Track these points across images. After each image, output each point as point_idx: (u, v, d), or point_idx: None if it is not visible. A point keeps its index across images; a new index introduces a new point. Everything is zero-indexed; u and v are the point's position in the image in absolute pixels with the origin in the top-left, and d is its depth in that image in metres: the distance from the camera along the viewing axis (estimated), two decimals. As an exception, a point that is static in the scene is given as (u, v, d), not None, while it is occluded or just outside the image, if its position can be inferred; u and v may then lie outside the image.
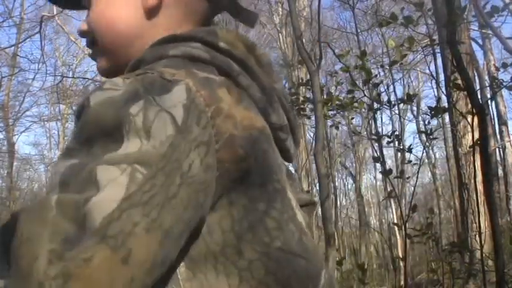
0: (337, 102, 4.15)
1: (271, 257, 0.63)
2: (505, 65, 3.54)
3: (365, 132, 9.78)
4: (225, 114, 0.62)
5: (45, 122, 20.59)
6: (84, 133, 0.57)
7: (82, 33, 0.78)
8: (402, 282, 6.39)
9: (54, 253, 0.46)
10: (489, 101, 9.03)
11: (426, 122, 4.31)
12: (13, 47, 15.25)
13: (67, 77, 17.14)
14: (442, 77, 8.00)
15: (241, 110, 0.65)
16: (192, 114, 0.58)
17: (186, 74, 0.62)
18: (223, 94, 0.64)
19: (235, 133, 0.62)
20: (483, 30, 9.81)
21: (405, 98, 4.28)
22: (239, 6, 0.81)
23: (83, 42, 16.22)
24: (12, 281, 0.46)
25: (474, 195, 5.38)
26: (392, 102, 4.32)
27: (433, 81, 11.59)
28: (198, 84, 0.61)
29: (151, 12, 0.74)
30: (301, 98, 4.68)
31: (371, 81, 4.04)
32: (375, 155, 4.30)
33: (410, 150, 4.28)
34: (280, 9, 12.99)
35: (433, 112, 3.92)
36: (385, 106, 4.23)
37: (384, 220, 16.08)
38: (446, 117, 7.86)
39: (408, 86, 16.62)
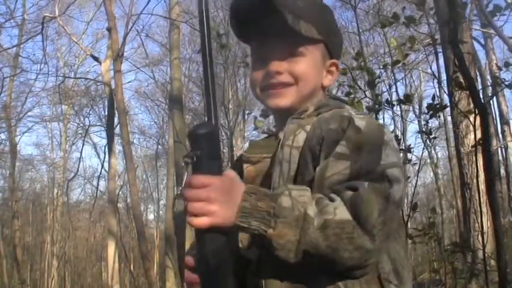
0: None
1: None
2: (507, 64, 3.52)
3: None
4: None
5: (47, 123, 20.65)
6: (356, 144, 1.05)
7: (278, 72, 1.22)
8: (404, 282, 6.36)
9: (380, 212, 0.98)
10: (491, 101, 9.00)
11: (426, 121, 4.26)
12: (15, 48, 15.31)
13: (69, 77, 17.18)
14: (444, 76, 7.98)
15: None
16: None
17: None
18: None
19: None
20: (485, 30, 9.80)
21: (404, 98, 4.22)
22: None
23: (84, 43, 16.26)
24: (350, 222, 0.96)
25: (476, 195, 5.37)
26: (394, 103, 4.28)
27: (435, 80, 11.55)
28: None
29: (322, 86, 1.31)
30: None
31: (375, 82, 4.00)
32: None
33: (409, 150, 4.26)
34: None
35: (431, 111, 3.87)
36: (386, 107, 4.20)
37: (386, 220, 16.04)
38: (449, 116, 7.85)
39: (410, 85, 16.62)
